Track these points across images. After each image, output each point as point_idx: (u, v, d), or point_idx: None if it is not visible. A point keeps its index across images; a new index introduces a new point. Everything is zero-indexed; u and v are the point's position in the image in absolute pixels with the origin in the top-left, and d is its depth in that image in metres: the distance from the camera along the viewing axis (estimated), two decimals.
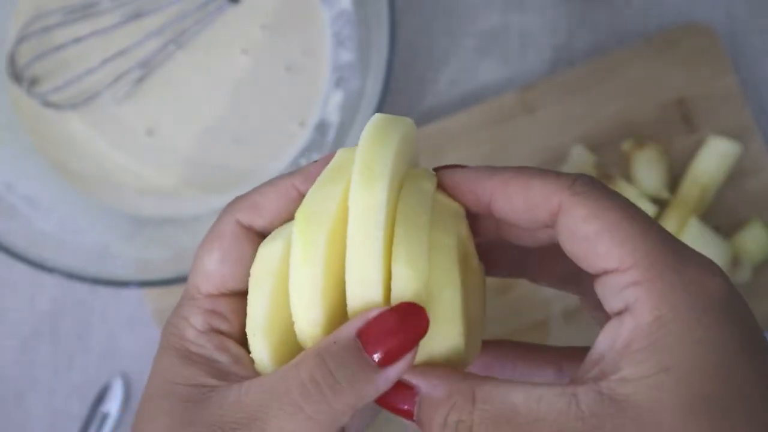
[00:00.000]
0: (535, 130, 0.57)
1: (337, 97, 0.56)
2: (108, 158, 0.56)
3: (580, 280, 0.31)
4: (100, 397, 0.57)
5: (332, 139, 0.55)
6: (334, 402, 0.25)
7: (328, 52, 0.57)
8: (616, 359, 0.24)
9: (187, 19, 0.56)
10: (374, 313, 0.25)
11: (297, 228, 0.27)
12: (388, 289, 0.26)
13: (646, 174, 0.55)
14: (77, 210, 0.56)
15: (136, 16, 0.55)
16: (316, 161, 0.29)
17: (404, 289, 0.26)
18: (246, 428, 0.25)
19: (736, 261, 0.54)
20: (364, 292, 0.26)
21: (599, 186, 0.26)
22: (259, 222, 0.29)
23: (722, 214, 0.56)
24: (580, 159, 0.56)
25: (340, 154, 0.28)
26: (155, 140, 0.56)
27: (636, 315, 0.24)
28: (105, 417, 0.56)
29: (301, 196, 0.29)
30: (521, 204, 0.27)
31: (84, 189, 0.56)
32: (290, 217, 0.29)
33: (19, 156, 0.55)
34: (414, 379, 0.26)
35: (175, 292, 0.55)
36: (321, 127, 0.56)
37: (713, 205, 0.56)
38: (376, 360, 0.25)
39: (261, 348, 0.28)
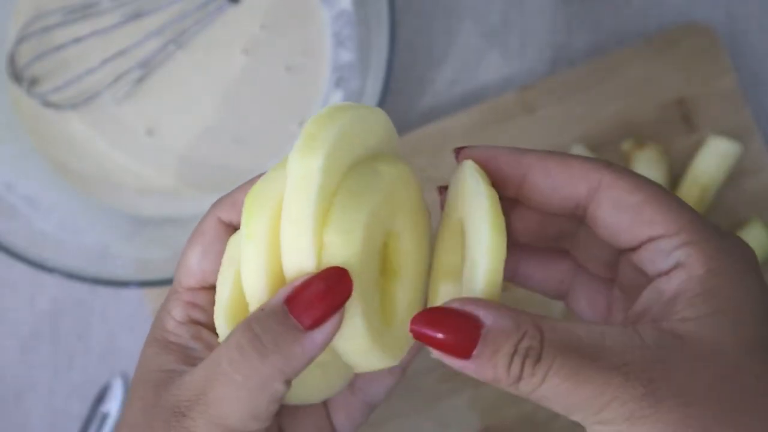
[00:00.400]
0: (535, 130, 0.57)
1: (337, 97, 0.56)
2: (108, 158, 0.56)
3: (567, 285, 0.32)
4: (100, 397, 0.57)
5: None
6: (260, 365, 0.26)
7: (328, 52, 0.57)
8: (668, 306, 0.25)
9: (187, 19, 0.56)
10: (300, 281, 0.26)
11: (243, 208, 0.27)
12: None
13: (646, 174, 0.55)
14: (77, 210, 0.56)
15: (136, 16, 0.55)
16: None
17: (332, 256, 0.26)
18: (195, 404, 0.26)
19: None
20: (297, 259, 0.26)
21: (630, 170, 0.28)
22: (237, 218, 0.30)
23: (722, 214, 0.56)
24: None
25: None
26: (155, 140, 0.56)
27: (688, 269, 0.25)
28: (105, 417, 0.56)
29: None
30: (560, 178, 0.28)
31: (84, 189, 0.56)
32: None
33: (19, 156, 0.55)
34: (480, 312, 0.25)
35: None
36: None
37: (713, 205, 0.56)
38: (302, 322, 0.26)
39: (224, 330, 0.28)
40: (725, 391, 0.24)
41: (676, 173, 0.56)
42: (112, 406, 0.57)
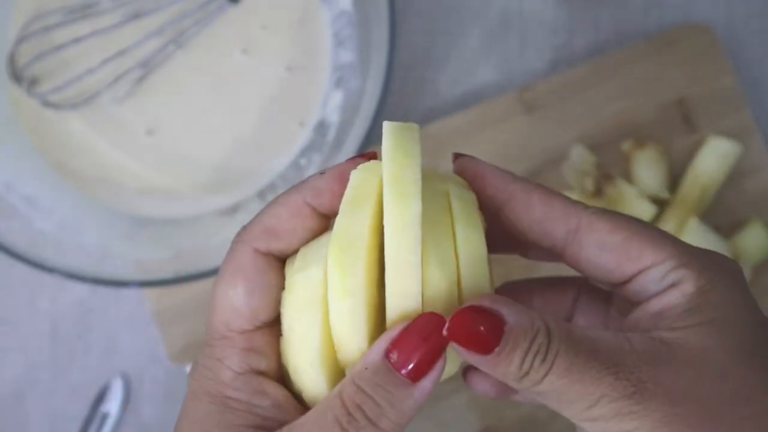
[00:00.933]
0: (535, 130, 0.57)
1: (337, 97, 0.56)
2: (108, 158, 0.56)
3: (573, 310, 0.33)
4: (100, 397, 0.57)
5: (332, 139, 0.55)
6: (379, 423, 0.26)
7: (328, 52, 0.57)
8: (657, 319, 0.27)
9: (187, 19, 0.56)
10: (396, 332, 0.26)
11: (333, 259, 0.27)
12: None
13: (646, 174, 0.55)
14: (77, 210, 0.56)
15: (136, 16, 0.55)
16: (322, 173, 0.29)
17: (435, 289, 0.27)
18: None
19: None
20: (405, 304, 0.26)
21: (609, 210, 0.29)
22: (278, 246, 0.29)
23: (722, 214, 0.56)
24: (580, 159, 0.56)
25: (356, 175, 0.28)
26: (155, 140, 0.56)
27: (680, 288, 0.27)
28: (105, 417, 0.56)
29: (315, 212, 0.29)
30: (540, 215, 0.29)
31: (84, 189, 0.56)
32: (308, 235, 0.29)
33: (19, 156, 0.55)
34: (503, 309, 0.26)
35: (175, 292, 0.55)
36: (321, 127, 0.56)
37: (713, 205, 0.56)
38: (408, 375, 0.26)
39: (319, 381, 0.28)
40: (710, 392, 0.25)
41: (676, 173, 0.56)
42: (112, 406, 0.57)
